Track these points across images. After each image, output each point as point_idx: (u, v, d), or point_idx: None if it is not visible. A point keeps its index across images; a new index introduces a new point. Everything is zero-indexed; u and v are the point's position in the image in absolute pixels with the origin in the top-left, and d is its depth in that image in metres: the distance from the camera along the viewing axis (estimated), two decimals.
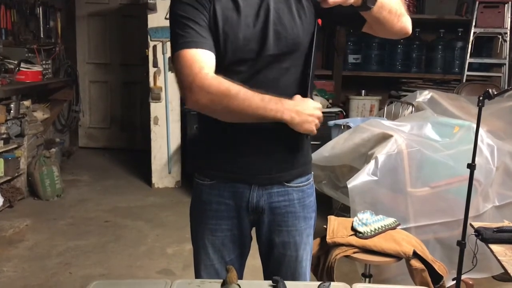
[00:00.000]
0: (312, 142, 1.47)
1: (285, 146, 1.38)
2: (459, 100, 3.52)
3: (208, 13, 1.28)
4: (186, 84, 1.22)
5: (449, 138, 2.79)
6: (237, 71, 1.31)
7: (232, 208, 1.42)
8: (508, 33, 4.51)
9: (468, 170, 2.16)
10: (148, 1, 4.33)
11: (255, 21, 1.30)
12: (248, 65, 1.31)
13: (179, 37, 1.25)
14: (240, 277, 1.47)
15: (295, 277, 1.47)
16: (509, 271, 1.58)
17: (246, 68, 1.31)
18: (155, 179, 4.65)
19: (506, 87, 4.22)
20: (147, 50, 4.49)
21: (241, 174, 1.39)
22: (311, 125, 1.27)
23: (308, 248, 1.50)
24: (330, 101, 4.70)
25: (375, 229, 2.12)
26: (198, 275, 1.49)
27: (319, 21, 1.38)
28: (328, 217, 2.27)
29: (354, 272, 2.65)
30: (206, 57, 1.24)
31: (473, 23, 4.51)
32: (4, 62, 4.25)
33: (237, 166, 1.38)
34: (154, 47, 4.44)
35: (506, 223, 2.01)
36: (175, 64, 1.26)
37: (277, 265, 1.48)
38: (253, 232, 1.50)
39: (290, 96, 1.29)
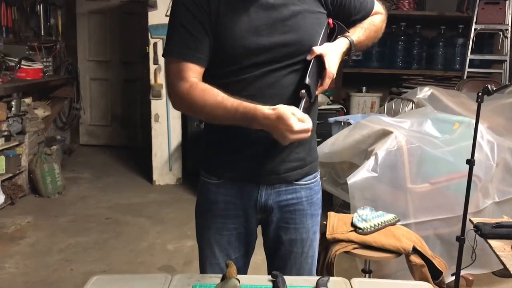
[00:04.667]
0: None
1: (294, 146, 1.37)
2: (459, 96, 3.51)
3: (208, 18, 1.28)
4: (168, 91, 1.35)
5: (449, 134, 2.79)
6: (248, 72, 1.30)
7: (239, 207, 1.42)
8: (509, 30, 4.51)
9: (468, 166, 2.16)
10: None
11: (268, 29, 1.28)
12: (259, 67, 1.30)
13: (172, 40, 1.32)
14: (244, 274, 1.47)
15: (300, 273, 1.47)
16: (507, 266, 1.58)
17: (257, 69, 1.30)
18: (156, 176, 4.66)
19: (505, 84, 4.21)
20: (147, 47, 4.50)
21: (250, 175, 1.38)
22: (287, 139, 1.19)
23: (314, 244, 1.51)
24: (331, 98, 4.71)
25: (375, 225, 2.13)
26: (203, 273, 1.48)
27: (330, 22, 1.37)
28: (328, 213, 2.27)
29: (354, 268, 2.66)
30: (187, 70, 1.28)
31: (474, 20, 4.50)
32: (5, 60, 4.25)
33: (246, 166, 1.37)
34: (155, 44, 4.44)
35: (505, 219, 2.01)
36: (165, 67, 1.36)
37: (283, 261, 1.48)
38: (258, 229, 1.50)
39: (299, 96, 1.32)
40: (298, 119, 1.16)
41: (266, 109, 1.18)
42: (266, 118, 1.18)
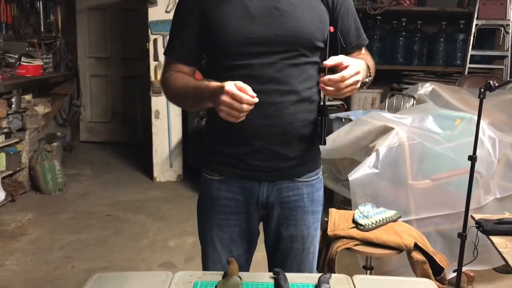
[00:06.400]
0: None
1: (296, 143, 1.37)
2: (460, 92, 3.50)
3: (199, 16, 1.32)
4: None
5: (451, 130, 2.78)
6: (245, 65, 1.30)
7: (241, 204, 1.42)
8: (510, 25, 4.49)
9: (469, 162, 2.16)
10: None
11: (264, 18, 1.28)
12: (256, 57, 1.29)
13: (169, 41, 1.43)
14: (247, 271, 1.47)
15: (300, 269, 1.47)
16: (509, 263, 1.58)
17: (256, 62, 1.29)
18: (156, 173, 4.66)
19: (508, 79, 4.20)
20: (147, 44, 4.48)
21: (251, 171, 1.38)
22: (220, 110, 1.14)
23: (315, 241, 1.50)
24: None
25: (376, 221, 2.12)
26: (205, 270, 1.48)
27: (331, 29, 1.37)
28: (329, 209, 2.27)
29: (355, 265, 2.66)
30: (173, 66, 1.41)
31: (475, 15, 4.48)
32: (4, 57, 4.25)
33: (247, 163, 1.37)
34: (155, 40, 4.43)
35: (507, 215, 2.01)
36: None
37: (283, 257, 1.48)
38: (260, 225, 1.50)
39: (301, 92, 1.32)
40: (236, 86, 1.11)
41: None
42: (212, 87, 1.18)
